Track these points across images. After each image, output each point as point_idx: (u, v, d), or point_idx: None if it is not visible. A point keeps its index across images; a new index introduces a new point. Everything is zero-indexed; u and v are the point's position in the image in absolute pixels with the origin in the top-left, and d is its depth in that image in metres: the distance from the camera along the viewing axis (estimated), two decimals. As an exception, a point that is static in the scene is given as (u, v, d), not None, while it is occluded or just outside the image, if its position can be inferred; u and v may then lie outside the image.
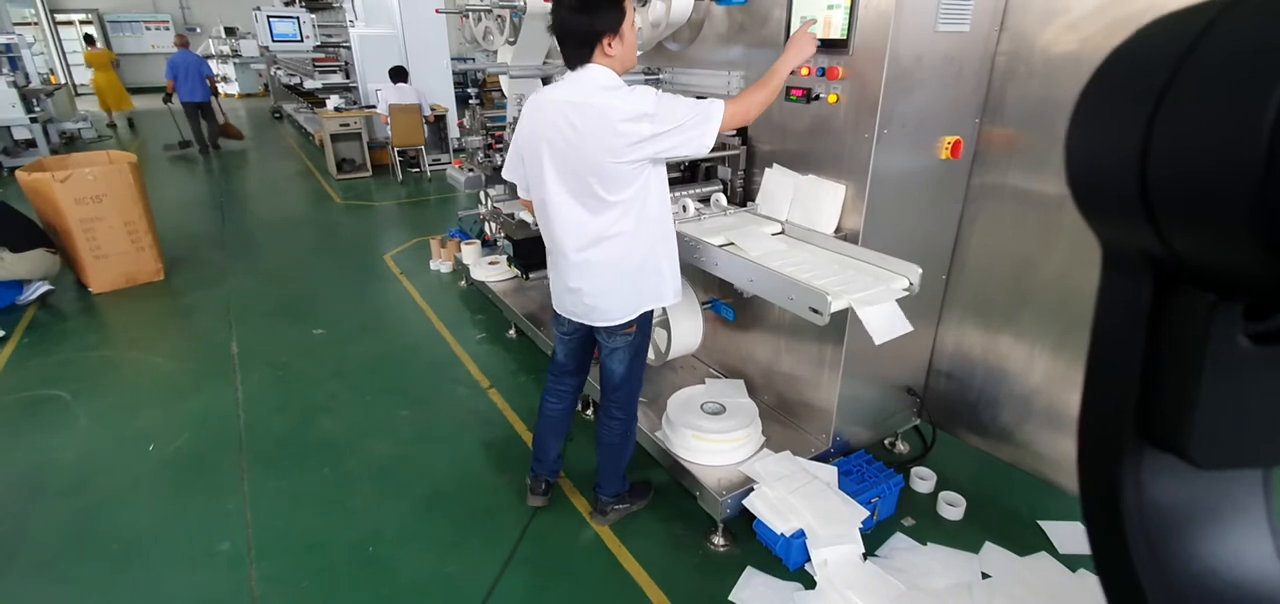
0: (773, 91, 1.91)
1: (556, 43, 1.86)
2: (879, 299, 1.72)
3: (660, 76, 2.78)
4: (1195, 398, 0.29)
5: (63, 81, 13.83)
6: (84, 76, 17.72)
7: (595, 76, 1.81)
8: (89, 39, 13.63)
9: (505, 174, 2.12)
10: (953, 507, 2.41)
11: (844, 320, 2.20)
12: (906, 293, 1.80)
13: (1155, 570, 0.32)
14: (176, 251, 5.31)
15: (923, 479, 2.50)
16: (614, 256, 1.91)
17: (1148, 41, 0.30)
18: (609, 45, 1.80)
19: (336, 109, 8.01)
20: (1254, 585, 0.32)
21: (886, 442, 2.76)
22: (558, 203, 1.91)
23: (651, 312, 2.09)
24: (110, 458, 2.85)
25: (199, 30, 17.95)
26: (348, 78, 9.11)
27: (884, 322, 1.70)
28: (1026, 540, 2.30)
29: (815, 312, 1.67)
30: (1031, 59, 2.05)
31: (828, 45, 2.01)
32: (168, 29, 17.39)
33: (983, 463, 2.54)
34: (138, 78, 17.92)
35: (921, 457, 2.65)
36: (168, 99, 8.84)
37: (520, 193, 2.13)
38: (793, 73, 2.15)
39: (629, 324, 2.02)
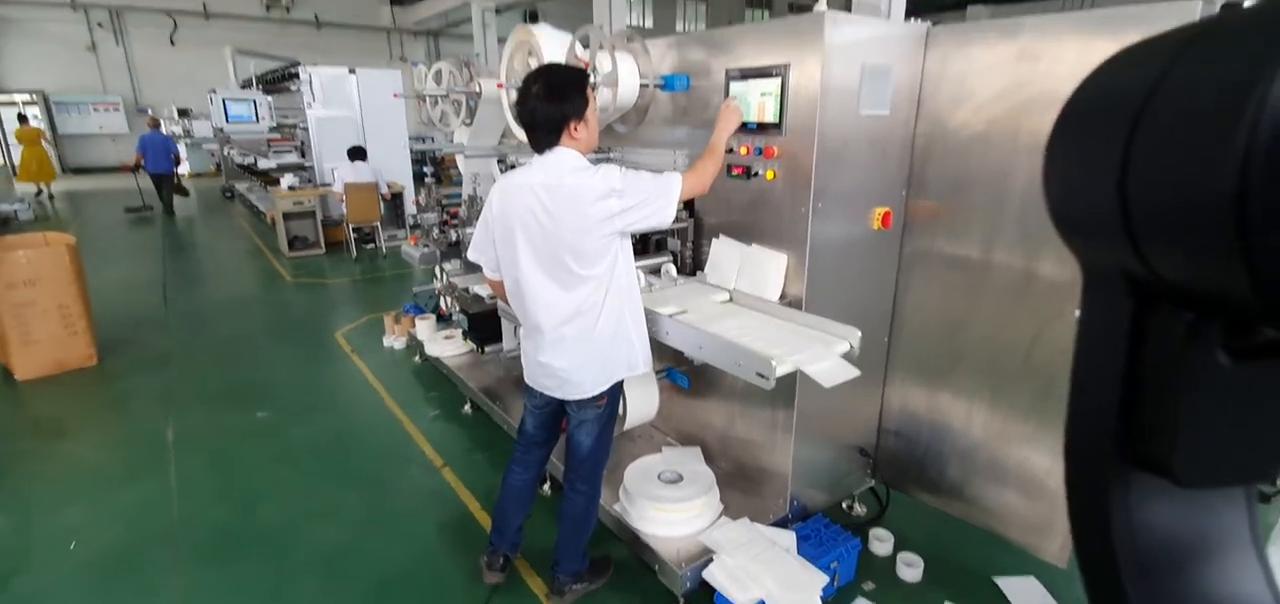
0: (718, 159, 2.11)
1: (514, 125, 1.96)
2: (820, 358, 1.80)
3: (610, 156, 2.91)
4: (1177, 416, 0.29)
5: (1, 162, 13.44)
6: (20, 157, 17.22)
7: (564, 158, 1.91)
8: (22, 118, 13.50)
9: (471, 255, 2.17)
10: (911, 568, 2.43)
11: (793, 384, 2.27)
12: (847, 357, 1.88)
13: (1148, 596, 0.32)
14: (114, 335, 5.07)
15: (881, 540, 2.53)
16: (587, 330, 1.97)
17: (1116, 75, 0.30)
18: (575, 129, 1.91)
19: (291, 187, 7.96)
20: None
21: (844, 504, 2.79)
22: (532, 281, 1.97)
23: (621, 383, 2.12)
24: (28, 558, 2.63)
25: (150, 111, 17.73)
26: (303, 157, 9.11)
27: (829, 371, 1.77)
28: (984, 598, 2.33)
29: (762, 376, 1.73)
30: (946, 139, 2.24)
31: (763, 128, 2.17)
32: (118, 110, 17.13)
33: (937, 520, 2.59)
34: (82, 158, 17.48)
35: (878, 517, 2.69)
36: (135, 170, 10.26)
37: (488, 273, 2.17)
38: (732, 151, 2.30)
39: (600, 396, 2.06)
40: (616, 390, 2.12)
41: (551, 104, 1.87)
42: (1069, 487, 0.36)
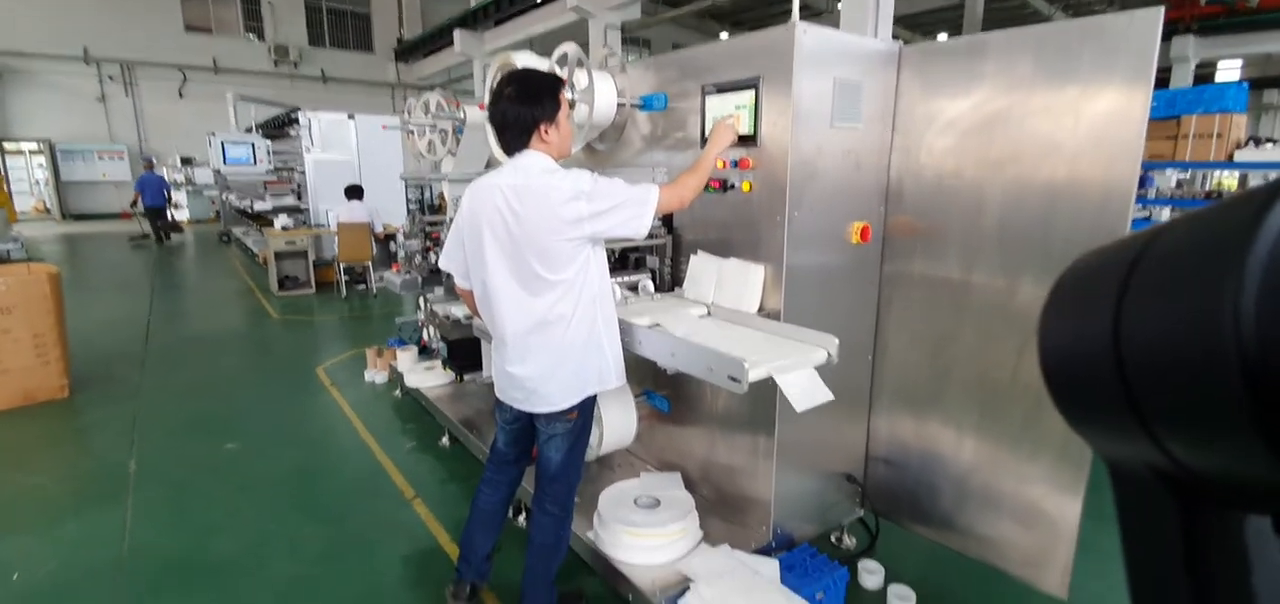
0: (702, 177, 2.04)
1: (498, 151, 1.93)
2: (797, 367, 1.72)
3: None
4: None
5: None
6: (23, 203, 17.39)
7: (533, 160, 1.87)
8: None
9: (442, 263, 2.11)
10: (903, 601, 2.28)
11: (773, 408, 2.18)
12: (824, 364, 1.80)
13: None
14: (89, 369, 4.95)
15: (870, 573, 2.38)
16: (555, 339, 1.89)
17: (1105, 250, 0.30)
18: (546, 132, 1.88)
19: (284, 228, 7.98)
20: None
21: (833, 536, 2.64)
22: (499, 284, 1.90)
23: (593, 398, 2.03)
24: (-43, 591, 2.46)
25: (155, 160, 18.04)
26: (299, 199, 9.18)
27: (803, 390, 1.69)
28: (979, 635, 2.17)
29: (734, 379, 1.64)
30: (920, 155, 2.23)
31: (740, 140, 2.15)
32: (123, 158, 17.41)
33: (929, 552, 2.45)
34: (85, 204, 17.65)
35: (867, 549, 2.54)
36: (134, 205, 12.48)
37: (458, 281, 2.10)
38: (710, 166, 2.27)
39: (571, 409, 1.96)
40: (589, 405, 2.02)
41: (522, 105, 1.84)
42: None
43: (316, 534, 2.82)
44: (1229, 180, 8.12)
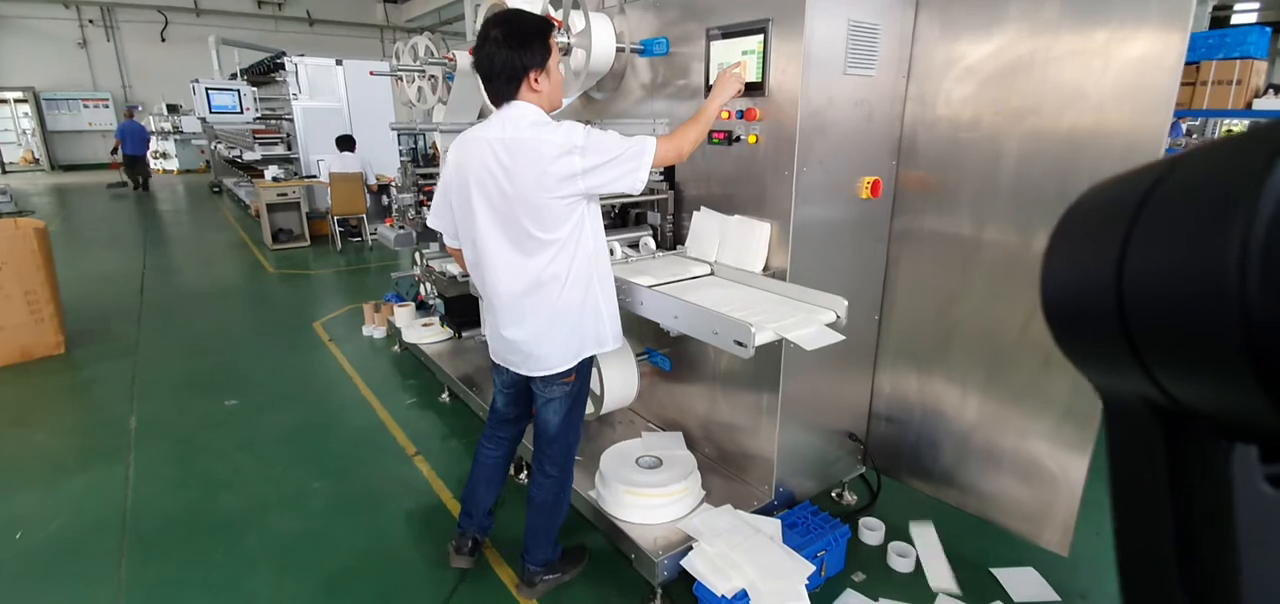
0: (703, 128, 1.93)
1: (484, 91, 1.82)
2: (807, 335, 1.67)
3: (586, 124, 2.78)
4: (1235, 555, 0.27)
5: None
6: (12, 155, 17.06)
7: (524, 112, 1.76)
8: None
9: (431, 221, 2.02)
10: (903, 558, 2.30)
11: (778, 366, 2.15)
12: (833, 326, 1.75)
13: None
14: (84, 324, 4.91)
15: (871, 529, 2.40)
16: (549, 301, 1.82)
17: (1114, 184, 0.30)
18: (536, 80, 1.77)
19: (275, 179, 7.81)
20: None
21: (834, 493, 2.66)
22: (490, 244, 1.82)
23: (591, 359, 1.98)
24: (-38, 550, 2.48)
25: (141, 108, 17.60)
26: (289, 149, 8.96)
27: (811, 335, 1.64)
28: (981, 588, 2.20)
29: (740, 344, 1.60)
30: (937, 106, 2.12)
31: (747, 88, 2.04)
32: (107, 107, 16.96)
33: (930, 509, 2.46)
34: (72, 155, 17.30)
35: (868, 506, 2.56)
36: (115, 152, 12.72)
37: (447, 241, 2.03)
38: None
39: (567, 373, 1.91)
40: (586, 367, 1.98)
41: (510, 50, 1.72)
42: None
43: (321, 490, 2.84)
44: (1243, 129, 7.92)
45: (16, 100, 16.83)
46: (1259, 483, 0.26)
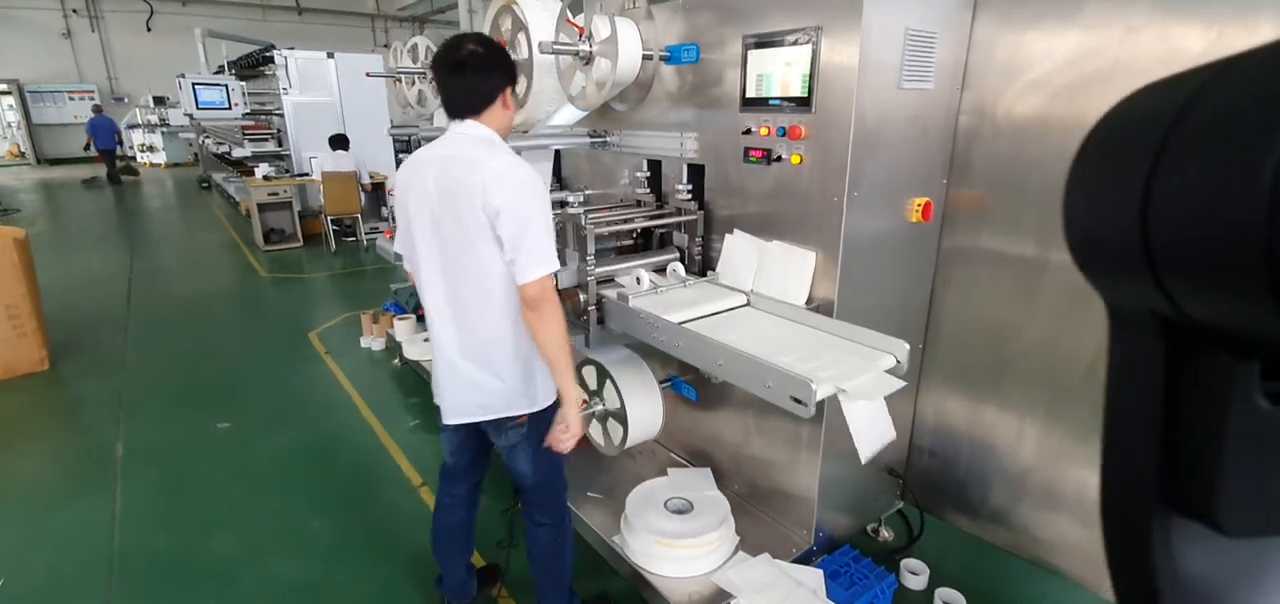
0: (558, 360, 1.67)
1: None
2: (867, 384, 1.49)
3: (607, 139, 2.59)
4: (1218, 463, 0.28)
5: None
6: (-6, 147, 16.65)
7: (475, 130, 1.62)
8: None
9: (395, 246, 1.84)
10: (949, 604, 2.15)
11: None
12: (893, 374, 1.58)
13: None
14: (69, 335, 4.70)
15: (914, 574, 2.24)
16: (486, 337, 1.66)
17: (1142, 102, 0.30)
18: (505, 101, 1.65)
19: (266, 177, 7.56)
20: None
21: (869, 528, 2.50)
22: (426, 270, 1.67)
23: (552, 396, 1.80)
24: (-68, 604, 2.29)
25: (127, 100, 17.20)
26: (280, 146, 8.69)
27: (870, 424, 1.46)
28: (1032, 640, 2.05)
29: (799, 401, 1.42)
30: (996, 118, 1.94)
31: (789, 103, 1.85)
32: (93, 98, 16.54)
33: (976, 550, 2.30)
34: (58, 148, 16.91)
35: (908, 546, 2.40)
36: (87, 148, 13.08)
37: (407, 266, 1.83)
38: (750, 133, 1.99)
39: (517, 416, 1.74)
40: (551, 408, 1.80)
41: (471, 74, 1.59)
42: (1108, 537, 0.35)
43: (321, 528, 2.66)
44: None
45: (1, 93, 16.43)
46: (1257, 397, 0.27)
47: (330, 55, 7.88)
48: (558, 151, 2.94)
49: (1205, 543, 0.30)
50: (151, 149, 16.29)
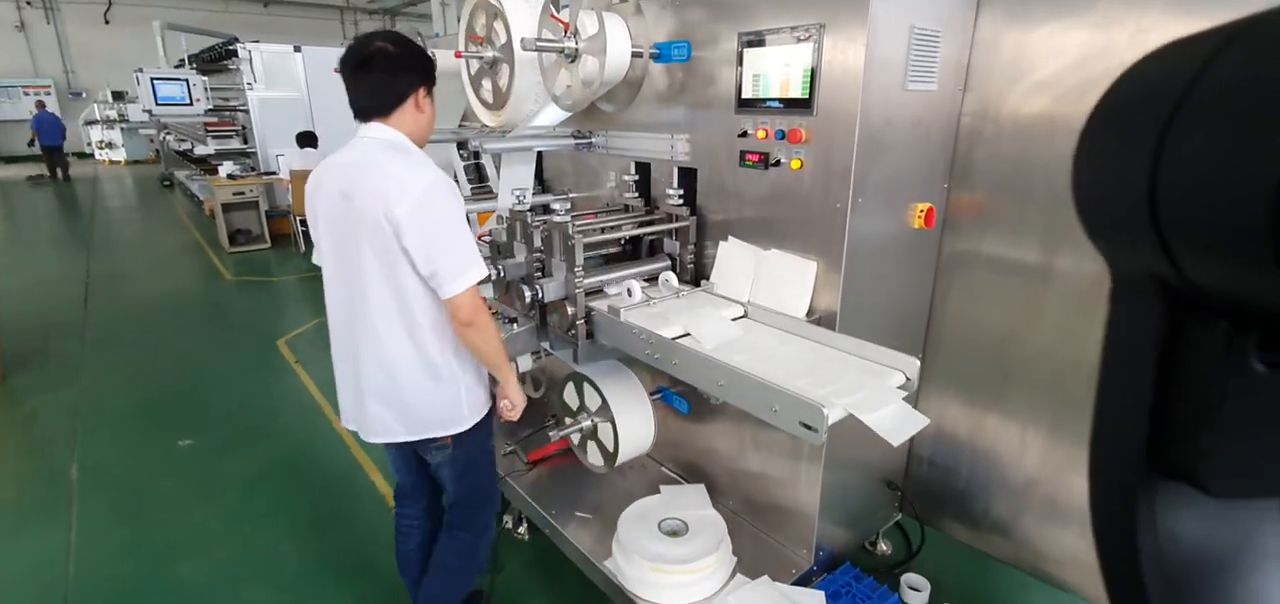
0: (495, 368, 1.67)
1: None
2: (877, 401, 1.40)
3: (592, 140, 2.46)
4: (1209, 425, 0.29)
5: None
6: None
7: (382, 134, 1.54)
8: None
9: (315, 258, 1.74)
10: (950, 619, 2.09)
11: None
12: (903, 391, 1.49)
13: None
14: (23, 344, 4.43)
15: (915, 590, 2.18)
16: (394, 361, 1.56)
17: (1154, 68, 0.32)
18: (418, 102, 1.59)
19: (231, 176, 7.26)
20: None
21: (867, 542, 2.43)
22: (331, 284, 1.59)
23: (477, 415, 1.71)
24: None
25: (84, 95, 16.50)
26: (246, 143, 8.36)
27: (896, 420, 1.38)
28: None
29: (809, 428, 1.33)
30: (1000, 119, 1.87)
31: (789, 105, 1.76)
32: (50, 94, 15.82)
33: (977, 563, 2.25)
34: (13, 145, 16.17)
35: (907, 560, 2.34)
36: (31, 144, 13.18)
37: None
38: (747, 136, 1.89)
39: (442, 436, 1.65)
40: (477, 428, 1.70)
41: (393, 73, 1.53)
42: (1093, 497, 0.36)
43: (293, 552, 2.51)
44: None
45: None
46: (1253, 363, 0.28)
47: (297, 49, 7.59)
48: (540, 153, 2.81)
49: (1188, 507, 0.31)
50: (110, 145, 15.66)
